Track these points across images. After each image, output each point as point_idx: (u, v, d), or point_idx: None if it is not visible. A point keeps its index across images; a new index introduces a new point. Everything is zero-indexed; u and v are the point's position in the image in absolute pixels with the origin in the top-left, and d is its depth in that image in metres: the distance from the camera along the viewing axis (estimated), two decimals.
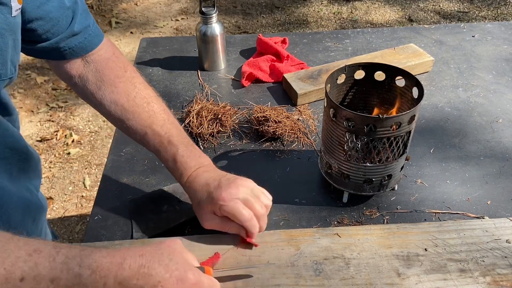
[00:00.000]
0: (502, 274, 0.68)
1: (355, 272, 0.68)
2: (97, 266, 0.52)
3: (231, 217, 0.70)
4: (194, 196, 0.73)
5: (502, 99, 1.10)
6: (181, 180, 0.75)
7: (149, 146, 0.78)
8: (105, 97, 0.77)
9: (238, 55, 1.31)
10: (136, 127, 0.77)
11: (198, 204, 0.72)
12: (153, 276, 0.55)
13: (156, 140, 0.76)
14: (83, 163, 2.28)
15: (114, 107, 0.78)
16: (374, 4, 3.59)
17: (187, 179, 0.74)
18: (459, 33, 1.37)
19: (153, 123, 0.77)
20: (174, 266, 0.57)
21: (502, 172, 0.90)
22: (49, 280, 0.50)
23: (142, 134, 0.77)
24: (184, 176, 0.74)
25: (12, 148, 0.71)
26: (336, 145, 0.78)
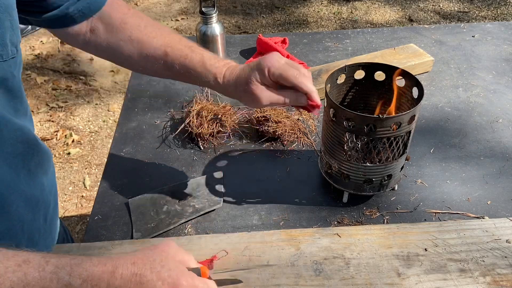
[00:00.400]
0: (502, 274, 0.68)
1: (355, 272, 0.68)
2: (88, 275, 0.52)
3: (281, 79, 0.69)
4: (238, 83, 0.71)
5: (502, 99, 1.10)
6: (216, 81, 0.73)
7: (173, 66, 0.76)
8: (120, 38, 0.77)
9: (238, 55, 1.31)
10: (155, 52, 0.76)
11: (246, 86, 0.70)
12: (145, 285, 0.54)
13: (178, 54, 0.75)
14: (83, 163, 2.28)
15: (130, 44, 0.77)
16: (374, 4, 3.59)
17: (223, 77, 0.73)
18: (459, 33, 1.37)
19: (170, 42, 0.76)
20: (166, 273, 0.56)
21: (502, 172, 0.90)
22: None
23: (164, 56, 0.75)
24: (218, 75, 0.73)
25: (27, 142, 0.71)
26: (336, 145, 0.78)
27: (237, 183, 0.90)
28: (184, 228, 0.80)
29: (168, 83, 1.19)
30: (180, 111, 1.09)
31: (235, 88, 0.72)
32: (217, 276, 0.66)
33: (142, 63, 0.78)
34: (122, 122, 1.07)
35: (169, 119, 1.07)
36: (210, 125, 1.00)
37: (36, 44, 3.15)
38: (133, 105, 1.12)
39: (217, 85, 0.74)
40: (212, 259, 0.70)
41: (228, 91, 0.74)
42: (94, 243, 0.74)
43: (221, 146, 0.99)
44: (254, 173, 0.92)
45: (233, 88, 0.72)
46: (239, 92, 0.72)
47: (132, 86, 1.19)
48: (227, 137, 1.01)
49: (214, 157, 0.96)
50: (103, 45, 0.78)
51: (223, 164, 0.94)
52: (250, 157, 0.96)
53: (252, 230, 0.80)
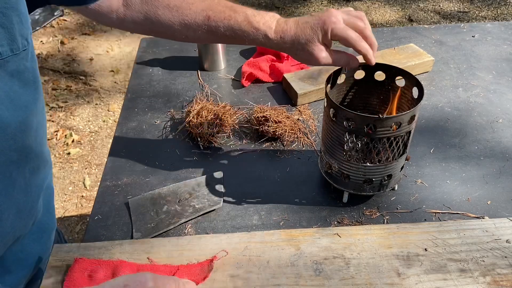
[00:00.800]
0: (502, 274, 0.68)
1: (355, 272, 0.68)
2: None
3: (341, 40, 0.70)
4: (296, 41, 0.71)
5: (502, 99, 1.10)
6: (266, 38, 0.72)
7: (217, 29, 0.73)
8: (157, 7, 0.74)
9: (238, 55, 1.31)
10: (196, 18, 0.74)
11: (306, 45, 0.70)
12: None
13: (221, 16, 0.73)
14: (83, 163, 2.28)
15: (169, 12, 0.74)
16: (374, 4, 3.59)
17: (274, 33, 0.71)
18: (459, 33, 1.37)
19: (210, 5, 0.74)
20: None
21: (502, 172, 0.90)
22: None
23: (206, 20, 0.73)
24: (268, 32, 0.71)
25: (23, 150, 0.67)
26: (336, 145, 0.78)
27: (237, 183, 0.90)
28: (184, 228, 0.80)
29: (168, 83, 1.20)
30: (180, 111, 1.09)
31: (291, 45, 0.71)
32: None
33: (184, 31, 0.76)
34: (122, 122, 1.07)
35: (169, 119, 1.07)
36: (210, 125, 1.00)
37: (36, 44, 3.15)
38: (133, 105, 1.12)
39: (267, 41, 0.73)
40: (212, 259, 0.70)
41: (281, 46, 0.73)
42: (94, 243, 0.74)
43: (221, 146, 0.99)
44: (254, 173, 0.92)
45: (289, 45, 0.72)
46: (296, 50, 0.72)
47: (132, 86, 1.19)
48: (227, 137, 1.01)
49: (214, 157, 0.96)
50: (141, 18, 0.76)
51: (223, 164, 0.94)
52: (250, 157, 0.96)
53: (252, 230, 0.80)
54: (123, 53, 3.08)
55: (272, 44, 0.73)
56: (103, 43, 3.20)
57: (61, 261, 0.71)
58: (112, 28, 3.37)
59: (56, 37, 3.28)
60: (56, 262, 0.71)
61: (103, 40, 3.24)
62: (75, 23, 3.45)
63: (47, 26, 3.40)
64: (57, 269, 0.70)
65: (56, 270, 0.70)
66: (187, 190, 0.87)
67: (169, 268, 0.69)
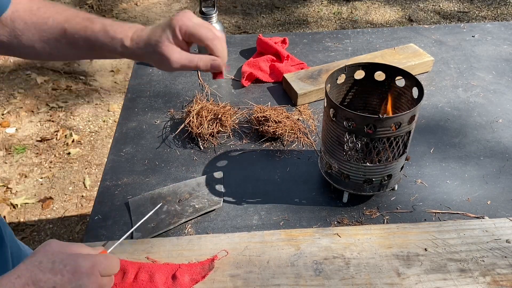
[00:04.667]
0: (502, 274, 0.68)
1: (355, 272, 0.68)
2: None
3: (193, 38, 0.66)
4: (148, 44, 0.67)
5: (502, 99, 1.10)
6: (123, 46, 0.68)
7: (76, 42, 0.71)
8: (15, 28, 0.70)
9: (238, 55, 1.31)
10: (53, 32, 0.71)
11: (156, 46, 0.66)
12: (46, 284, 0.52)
13: (77, 28, 0.70)
14: (83, 163, 2.28)
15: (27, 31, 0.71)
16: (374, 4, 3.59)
17: (130, 40, 0.68)
18: (459, 33, 1.37)
19: (67, 17, 0.71)
20: (61, 265, 0.54)
21: (502, 172, 0.90)
22: None
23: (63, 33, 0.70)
24: (125, 39, 0.68)
25: None
26: (336, 145, 0.78)
27: (237, 183, 0.90)
28: (184, 228, 0.80)
29: (168, 83, 1.19)
30: (180, 111, 1.09)
31: (144, 50, 0.67)
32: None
33: (46, 49, 0.72)
34: (122, 122, 1.07)
35: (169, 119, 1.07)
36: (210, 125, 1.00)
37: None
38: (133, 105, 1.12)
39: (125, 50, 0.69)
40: (213, 259, 0.70)
41: (137, 54, 0.69)
42: (94, 243, 0.74)
43: (221, 146, 0.99)
44: (254, 173, 0.92)
45: (143, 51, 0.68)
46: (149, 54, 0.68)
47: (132, 86, 1.19)
48: (227, 137, 1.01)
49: (214, 157, 0.96)
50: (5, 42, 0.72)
51: (223, 164, 0.94)
52: (250, 157, 0.96)
53: (252, 230, 0.80)
54: None
55: (128, 52, 0.69)
56: None
57: None
58: None
59: None
60: None
61: None
62: None
63: None
64: None
65: None
66: (187, 190, 0.87)
67: (170, 266, 0.69)
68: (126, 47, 0.68)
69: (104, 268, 0.57)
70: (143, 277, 0.67)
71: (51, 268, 0.53)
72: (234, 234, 0.75)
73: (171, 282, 0.67)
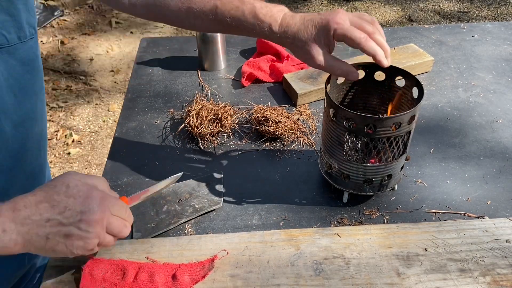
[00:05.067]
0: (502, 274, 0.68)
1: (355, 272, 0.68)
2: None
3: (346, 39, 0.67)
4: (297, 38, 0.69)
5: (502, 99, 1.10)
6: (270, 30, 0.70)
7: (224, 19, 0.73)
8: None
9: (238, 55, 1.31)
10: (204, 6, 0.73)
11: (306, 44, 0.68)
12: (56, 207, 0.55)
13: (229, 6, 0.72)
14: (83, 163, 2.28)
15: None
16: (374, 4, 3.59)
17: (278, 26, 0.70)
18: (459, 33, 1.37)
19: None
20: (74, 190, 0.57)
21: (502, 172, 0.90)
22: None
23: (214, 9, 0.73)
24: (273, 24, 0.70)
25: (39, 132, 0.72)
26: (336, 145, 0.78)
27: (237, 183, 0.90)
28: (184, 228, 0.80)
29: (168, 83, 1.20)
30: (180, 111, 1.09)
31: (292, 41, 0.70)
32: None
33: (191, 19, 0.75)
34: (122, 122, 1.07)
35: (169, 119, 1.07)
36: (210, 125, 1.00)
37: None
38: (133, 105, 1.12)
39: (271, 35, 0.71)
40: (213, 259, 0.70)
41: (284, 42, 0.71)
42: None
43: (221, 146, 0.99)
44: (254, 173, 0.92)
45: (291, 41, 0.70)
46: (296, 47, 0.70)
47: (132, 86, 1.19)
48: (227, 137, 1.01)
49: (214, 157, 0.96)
50: (150, 3, 0.75)
51: (223, 164, 0.94)
52: (250, 157, 0.96)
53: (252, 230, 0.80)
54: (123, 53, 3.08)
55: (275, 37, 0.71)
56: (103, 43, 3.20)
57: (61, 261, 0.71)
58: (112, 28, 3.37)
59: (56, 37, 3.28)
60: (56, 262, 0.71)
61: (103, 40, 3.24)
62: (75, 23, 3.45)
63: (47, 26, 3.39)
64: (57, 269, 0.70)
65: (56, 270, 0.70)
66: (187, 190, 0.87)
67: (170, 266, 0.69)
68: (273, 32, 0.70)
69: (113, 206, 0.60)
70: (143, 277, 0.67)
71: (65, 191, 0.56)
72: (234, 234, 0.75)
73: (171, 282, 0.67)
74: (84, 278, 0.67)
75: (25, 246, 0.54)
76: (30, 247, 0.55)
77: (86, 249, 0.59)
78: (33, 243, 0.55)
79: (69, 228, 0.56)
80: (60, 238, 0.56)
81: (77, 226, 0.56)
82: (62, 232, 0.55)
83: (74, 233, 0.56)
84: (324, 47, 0.69)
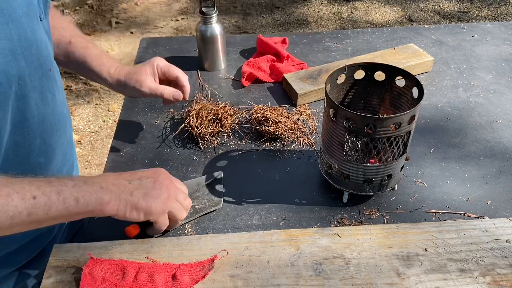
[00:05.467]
0: (502, 274, 0.68)
1: (355, 272, 0.68)
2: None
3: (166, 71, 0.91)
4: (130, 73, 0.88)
5: (502, 99, 1.10)
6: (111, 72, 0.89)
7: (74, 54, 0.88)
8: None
9: (238, 55, 1.31)
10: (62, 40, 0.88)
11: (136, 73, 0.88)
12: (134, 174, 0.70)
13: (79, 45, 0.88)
14: (83, 163, 2.28)
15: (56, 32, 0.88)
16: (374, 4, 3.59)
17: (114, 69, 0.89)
18: (459, 33, 1.37)
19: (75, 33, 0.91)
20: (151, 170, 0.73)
21: (502, 172, 0.90)
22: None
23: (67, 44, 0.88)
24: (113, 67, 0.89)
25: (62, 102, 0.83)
26: (336, 145, 0.78)
27: (237, 183, 0.90)
28: (184, 228, 0.80)
29: None
30: (180, 111, 1.09)
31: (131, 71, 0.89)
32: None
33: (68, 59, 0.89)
34: (122, 122, 1.07)
35: (169, 119, 1.07)
36: (210, 125, 1.00)
37: None
38: (133, 105, 1.12)
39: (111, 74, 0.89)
40: (213, 259, 0.70)
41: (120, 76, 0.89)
42: (94, 243, 0.74)
43: (221, 146, 0.99)
44: (254, 173, 0.92)
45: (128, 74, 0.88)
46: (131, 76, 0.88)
47: None
48: (227, 137, 1.01)
49: (214, 157, 0.96)
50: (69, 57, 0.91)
51: (223, 164, 0.94)
52: (250, 157, 0.96)
53: (252, 230, 0.80)
54: (123, 53, 3.08)
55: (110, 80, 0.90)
56: (103, 43, 3.20)
57: (61, 261, 0.71)
58: (112, 28, 3.37)
59: None
60: (56, 262, 0.71)
61: (103, 40, 3.24)
62: (75, 23, 3.45)
63: None
64: (57, 269, 0.70)
65: (56, 270, 0.70)
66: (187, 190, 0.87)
67: (170, 266, 0.69)
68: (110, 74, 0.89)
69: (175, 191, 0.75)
70: (143, 277, 0.67)
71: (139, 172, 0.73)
72: (234, 234, 0.75)
73: (171, 282, 0.67)
74: (84, 278, 0.67)
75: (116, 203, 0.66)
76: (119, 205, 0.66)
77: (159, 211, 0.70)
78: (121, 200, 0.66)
79: (145, 189, 0.69)
80: (140, 196, 0.68)
81: (151, 187, 0.70)
82: (142, 192, 0.68)
83: (149, 193, 0.69)
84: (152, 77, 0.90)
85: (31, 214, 0.59)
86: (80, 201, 0.62)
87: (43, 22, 0.73)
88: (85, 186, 0.63)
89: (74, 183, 0.63)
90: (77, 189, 0.63)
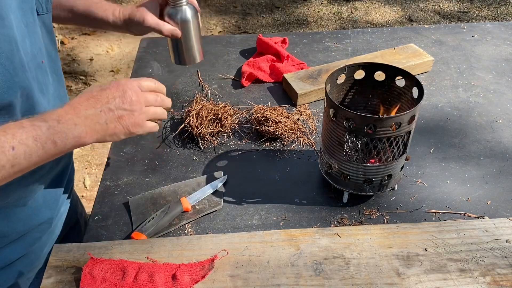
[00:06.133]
0: (502, 274, 0.68)
1: (355, 272, 0.68)
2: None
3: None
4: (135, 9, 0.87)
5: (502, 99, 1.10)
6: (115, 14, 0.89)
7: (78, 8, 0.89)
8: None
9: (238, 55, 1.31)
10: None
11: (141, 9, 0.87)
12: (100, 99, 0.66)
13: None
14: (83, 163, 2.28)
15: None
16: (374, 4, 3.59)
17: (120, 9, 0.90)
18: (459, 33, 1.37)
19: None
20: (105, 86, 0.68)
21: (502, 172, 0.90)
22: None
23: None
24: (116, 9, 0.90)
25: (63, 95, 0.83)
26: (336, 145, 0.78)
27: (237, 183, 0.90)
28: (184, 228, 0.80)
29: (168, 83, 1.19)
30: (180, 111, 1.09)
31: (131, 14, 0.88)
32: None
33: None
34: None
35: (169, 119, 1.07)
36: (210, 125, 1.00)
37: None
38: None
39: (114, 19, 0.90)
40: (213, 259, 0.70)
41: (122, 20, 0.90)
42: (94, 243, 0.74)
43: (221, 146, 0.99)
44: (254, 173, 0.92)
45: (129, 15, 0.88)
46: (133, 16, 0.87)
47: None
48: (227, 137, 1.01)
49: (214, 157, 0.96)
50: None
51: (223, 164, 0.94)
52: (250, 157, 0.96)
53: (252, 230, 0.80)
54: (123, 53, 3.08)
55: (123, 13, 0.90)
56: (103, 43, 3.20)
57: (61, 261, 0.71)
58: None
59: (56, 37, 3.28)
60: (56, 262, 0.71)
61: (103, 40, 3.24)
62: None
63: None
64: (57, 269, 0.70)
65: (56, 270, 0.70)
66: (187, 190, 0.87)
67: (170, 266, 0.69)
68: (117, 12, 0.89)
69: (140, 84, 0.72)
70: (143, 277, 0.67)
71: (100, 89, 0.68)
72: (234, 234, 0.75)
73: (171, 282, 0.67)
74: (84, 278, 0.67)
75: (93, 135, 0.65)
76: (97, 136, 0.66)
77: (139, 125, 0.69)
78: (98, 131, 0.66)
79: (117, 111, 0.67)
80: (115, 122, 0.67)
81: (122, 108, 0.68)
82: (115, 116, 0.67)
83: (122, 114, 0.68)
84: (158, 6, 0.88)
85: (14, 165, 0.60)
86: (58, 143, 0.63)
87: (42, 17, 0.73)
88: (59, 126, 0.63)
89: (48, 125, 0.62)
90: (52, 131, 0.62)
